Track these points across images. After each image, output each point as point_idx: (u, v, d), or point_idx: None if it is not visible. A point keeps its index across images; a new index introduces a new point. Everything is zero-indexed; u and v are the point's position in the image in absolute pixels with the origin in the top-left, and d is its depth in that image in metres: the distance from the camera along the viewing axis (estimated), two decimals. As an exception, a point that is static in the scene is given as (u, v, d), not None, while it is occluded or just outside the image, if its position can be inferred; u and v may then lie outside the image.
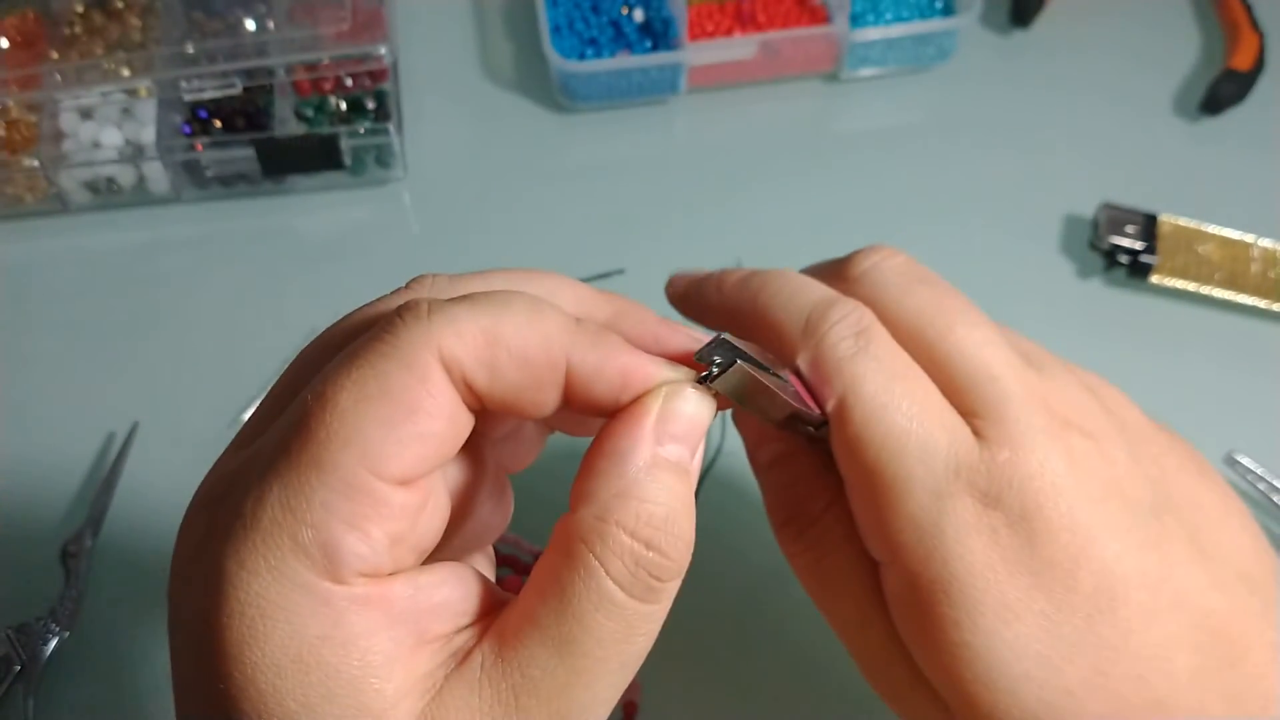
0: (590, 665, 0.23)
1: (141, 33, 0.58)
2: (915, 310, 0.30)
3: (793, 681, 0.44)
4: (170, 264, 0.57)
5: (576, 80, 0.60)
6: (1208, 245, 0.56)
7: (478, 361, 0.23)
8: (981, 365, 0.29)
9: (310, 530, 0.21)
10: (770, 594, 0.46)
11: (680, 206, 0.59)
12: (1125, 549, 0.27)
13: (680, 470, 0.24)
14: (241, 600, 0.21)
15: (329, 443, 0.22)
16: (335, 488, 0.21)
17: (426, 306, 0.23)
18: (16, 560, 0.47)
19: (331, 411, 0.22)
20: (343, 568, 0.22)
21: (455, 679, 0.23)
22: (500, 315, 0.24)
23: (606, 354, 0.25)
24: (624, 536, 0.23)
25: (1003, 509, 0.27)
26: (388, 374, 0.22)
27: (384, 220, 0.59)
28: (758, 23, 0.62)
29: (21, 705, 0.43)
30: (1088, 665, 0.27)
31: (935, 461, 0.27)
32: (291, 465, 0.22)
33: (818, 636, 0.45)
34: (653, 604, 0.24)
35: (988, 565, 0.27)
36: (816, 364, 0.29)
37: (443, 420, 0.23)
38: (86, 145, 0.56)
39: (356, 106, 0.58)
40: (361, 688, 0.22)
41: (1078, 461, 0.28)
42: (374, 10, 0.58)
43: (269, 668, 0.21)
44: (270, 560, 0.21)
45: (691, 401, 0.25)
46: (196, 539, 0.23)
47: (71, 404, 0.52)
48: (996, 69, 0.64)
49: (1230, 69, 0.62)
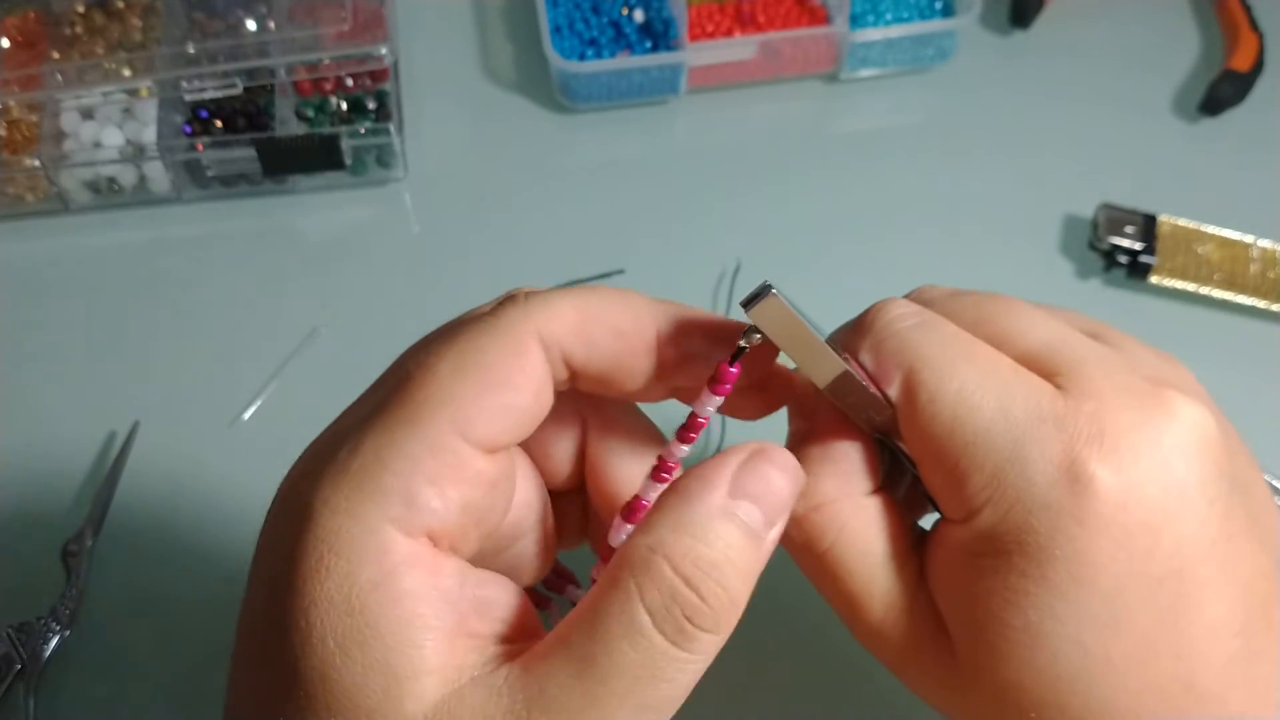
0: (606, 695, 0.22)
1: (142, 33, 0.58)
2: (973, 304, 0.29)
3: (793, 681, 0.44)
4: (171, 264, 0.57)
5: (577, 81, 0.60)
6: (1207, 246, 0.56)
7: (574, 336, 0.25)
8: (1051, 335, 0.28)
9: (395, 478, 0.23)
10: (772, 594, 0.46)
11: (680, 206, 0.59)
12: (1209, 517, 0.26)
13: (748, 530, 0.24)
14: (317, 535, 0.23)
15: (425, 403, 0.24)
16: (425, 443, 0.23)
17: (524, 295, 0.26)
18: (17, 559, 0.47)
19: (430, 375, 0.24)
20: (415, 519, 0.23)
21: (480, 680, 0.23)
22: (589, 296, 0.26)
23: (690, 314, 0.27)
24: (666, 568, 0.23)
25: (1099, 453, 0.25)
26: (485, 348, 0.25)
27: (384, 220, 0.59)
28: (758, 23, 0.62)
29: (22, 704, 0.43)
30: (1139, 634, 0.26)
31: (1015, 411, 0.26)
32: (387, 421, 0.24)
33: (818, 636, 0.45)
34: (683, 650, 0.23)
35: (1076, 516, 0.25)
36: (878, 347, 0.28)
37: (530, 394, 0.25)
38: (87, 145, 0.56)
39: (357, 107, 0.58)
40: (394, 644, 0.22)
41: (1175, 415, 0.26)
42: (375, 10, 0.58)
43: (324, 601, 0.22)
44: (351, 501, 0.23)
45: (778, 464, 0.25)
46: (294, 481, 0.25)
47: (72, 403, 0.52)
48: (996, 70, 0.65)
49: (1229, 70, 0.62)
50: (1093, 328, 0.30)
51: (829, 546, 0.29)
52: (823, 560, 0.29)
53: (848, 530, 0.29)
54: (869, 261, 0.57)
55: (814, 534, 0.29)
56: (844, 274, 0.56)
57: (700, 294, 0.55)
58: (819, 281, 0.56)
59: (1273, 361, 0.54)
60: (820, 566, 0.29)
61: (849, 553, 0.29)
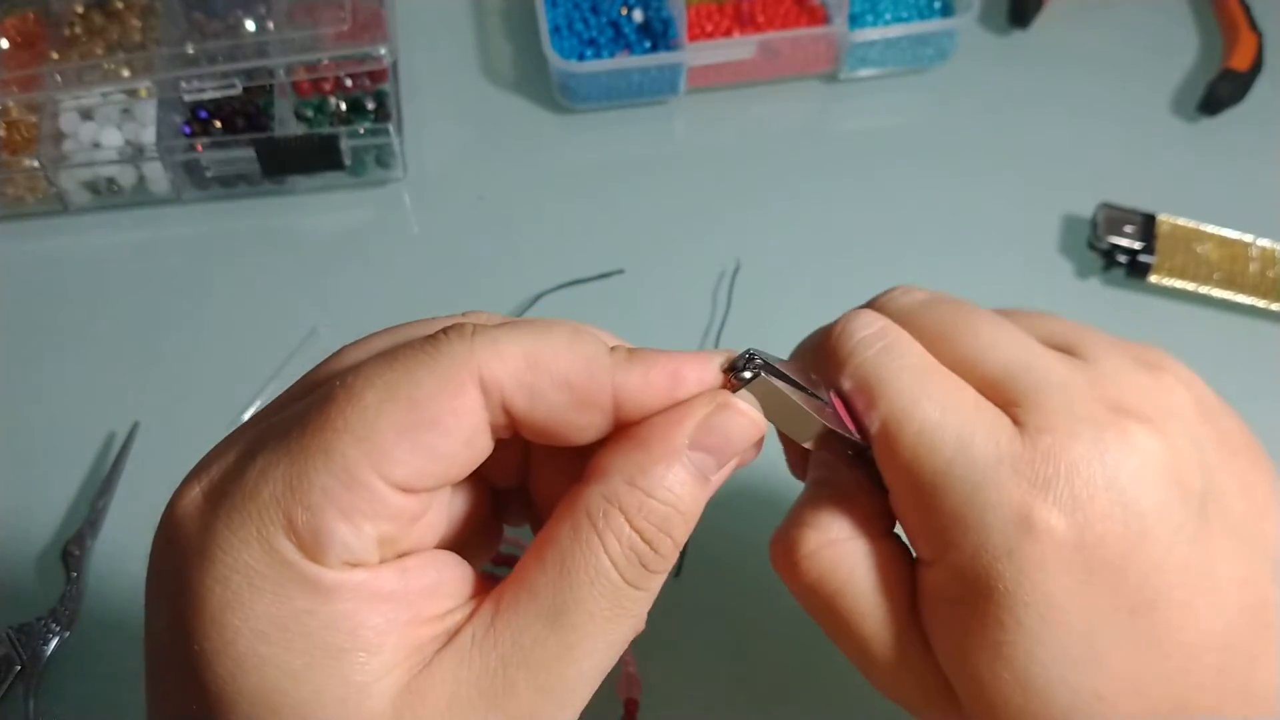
0: (579, 640, 0.23)
1: (141, 33, 0.58)
2: (937, 319, 0.29)
3: (792, 682, 0.44)
4: (170, 264, 0.57)
5: (576, 81, 0.60)
6: (1206, 245, 0.56)
7: (518, 384, 0.23)
8: (1013, 357, 0.28)
9: (305, 513, 0.22)
10: (770, 596, 0.46)
11: (680, 206, 0.59)
12: (1175, 543, 0.26)
13: (699, 478, 0.25)
14: (230, 566, 0.22)
15: (344, 433, 0.22)
16: (338, 476, 0.22)
17: (471, 328, 0.24)
18: (17, 560, 0.47)
19: (354, 404, 0.22)
20: (328, 554, 0.22)
21: (446, 652, 0.23)
22: (541, 339, 0.24)
23: (650, 363, 0.25)
24: (624, 523, 0.24)
25: (1050, 498, 0.26)
26: (420, 382, 0.23)
27: (384, 220, 0.59)
28: (757, 23, 0.62)
29: (22, 705, 0.43)
30: (1123, 666, 0.26)
31: (973, 451, 0.26)
32: (303, 447, 0.22)
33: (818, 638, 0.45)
34: (641, 590, 0.24)
35: (1036, 561, 0.26)
36: (854, 375, 0.28)
37: (460, 441, 0.23)
38: (87, 146, 0.56)
39: (356, 107, 0.58)
40: (347, 660, 0.22)
41: (1131, 447, 0.26)
42: (374, 11, 0.58)
43: (251, 633, 0.21)
44: (262, 532, 0.22)
45: (740, 424, 0.25)
46: (191, 500, 0.23)
47: (72, 404, 0.52)
48: (995, 69, 0.65)
49: (1228, 69, 0.62)
50: (1068, 335, 0.30)
51: (839, 586, 0.29)
52: (833, 602, 0.29)
53: (859, 571, 0.29)
54: (868, 261, 0.57)
55: (825, 570, 0.29)
56: (843, 274, 0.56)
57: (700, 294, 0.55)
58: (818, 281, 0.56)
59: (1272, 361, 0.54)
60: (830, 608, 0.29)
61: (860, 594, 0.29)
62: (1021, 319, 0.30)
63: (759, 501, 0.48)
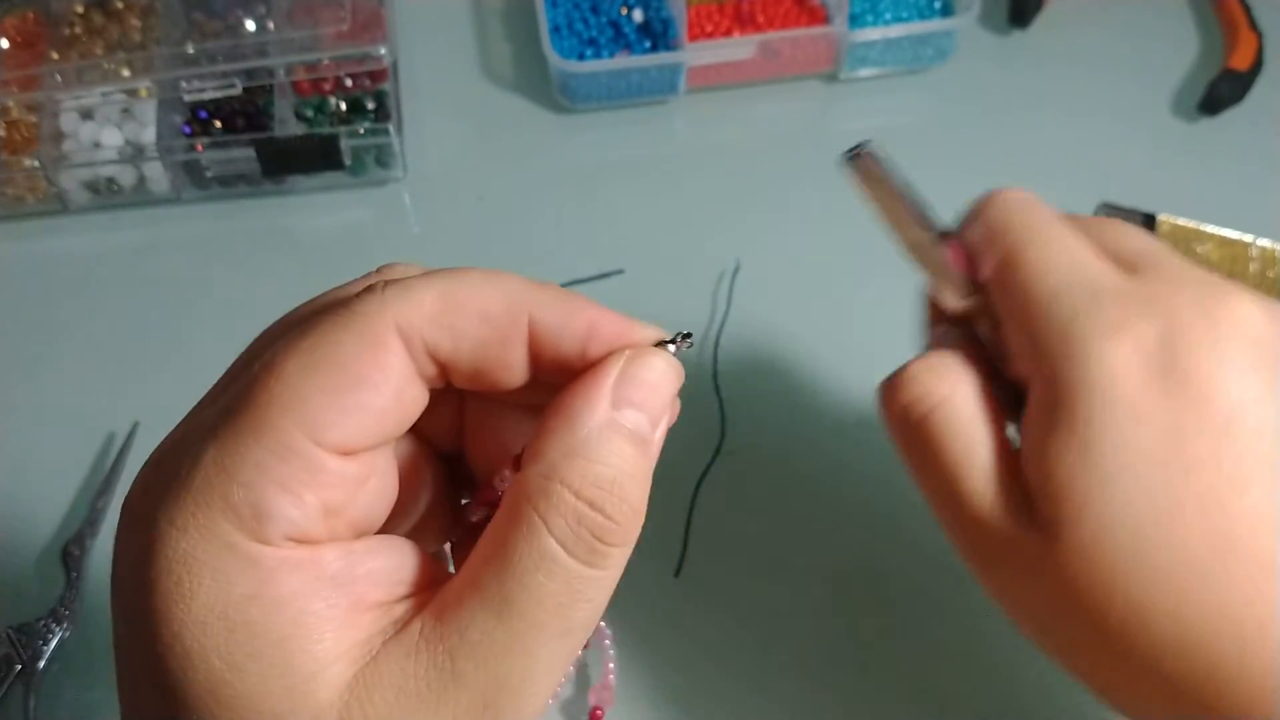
0: (529, 629, 0.22)
1: (141, 33, 0.58)
2: (1077, 218, 0.33)
3: (784, 688, 0.44)
4: (170, 264, 0.57)
5: (576, 81, 0.60)
6: (1206, 245, 0.56)
7: (437, 325, 0.23)
8: (1145, 244, 0.31)
9: (241, 489, 0.21)
10: (762, 600, 0.46)
11: (680, 206, 0.59)
12: (1262, 393, 0.28)
13: (637, 438, 0.24)
14: (169, 557, 0.21)
15: (269, 405, 0.22)
16: (271, 449, 0.22)
17: (384, 284, 0.24)
18: (17, 560, 0.47)
19: (276, 377, 0.22)
20: (271, 529, 0.22)
21: (392, 645, 0.22)
22: (456, 279, 0.24)
23: (572, 308, 0.25)
24: (568, 495, 0.23)
25: (1150, 324, 0.28)
26: (339, 343, 0.23)
27: (384, 220, 0.59)
28: (757, 23, 0.62)
29: (22, 704, 0.43)
30: (1201, 484, 0.27)
31: (1083, 280, 0.29)
32: (231, 428, 0.22)
33: (810, 642, 0.45)
34: (598, 569, 0.23)
35: (1126, 370, 0.28)
36: (986, 220, 0.32)
37: (389, 393, 0.23)
38: (87, 145, 0.56)
39: (356, 107, 0.58)
40: (290, 648, 0.21)
41: (1236, 311, 0.29)
42: (373, 11, 0.58)
43: (194, 625, 0.21)
44: (200, 518, 0.21)
45: (656, 368, 0.24)
46: (134, 499, 0.23)
47: (72, 404, 0.52)
48: (995, 69, 0.65)
49: (1229, 69, 0.62)
50: None
51: (930, 410, 0.31)
52: (922, 426, 0.31)
53: (953, 397, 0.31)
54: (868, 261, 0.57)
55: (919, 393, 0.31)
56: (843, 274, 0.56)
57: (700, 294, 0.55)
58: (818, 281, 0.56)
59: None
60: (920, 435, 0.31)
61: (952, 416, 0.31)
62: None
63: (754, 512, 0.48)
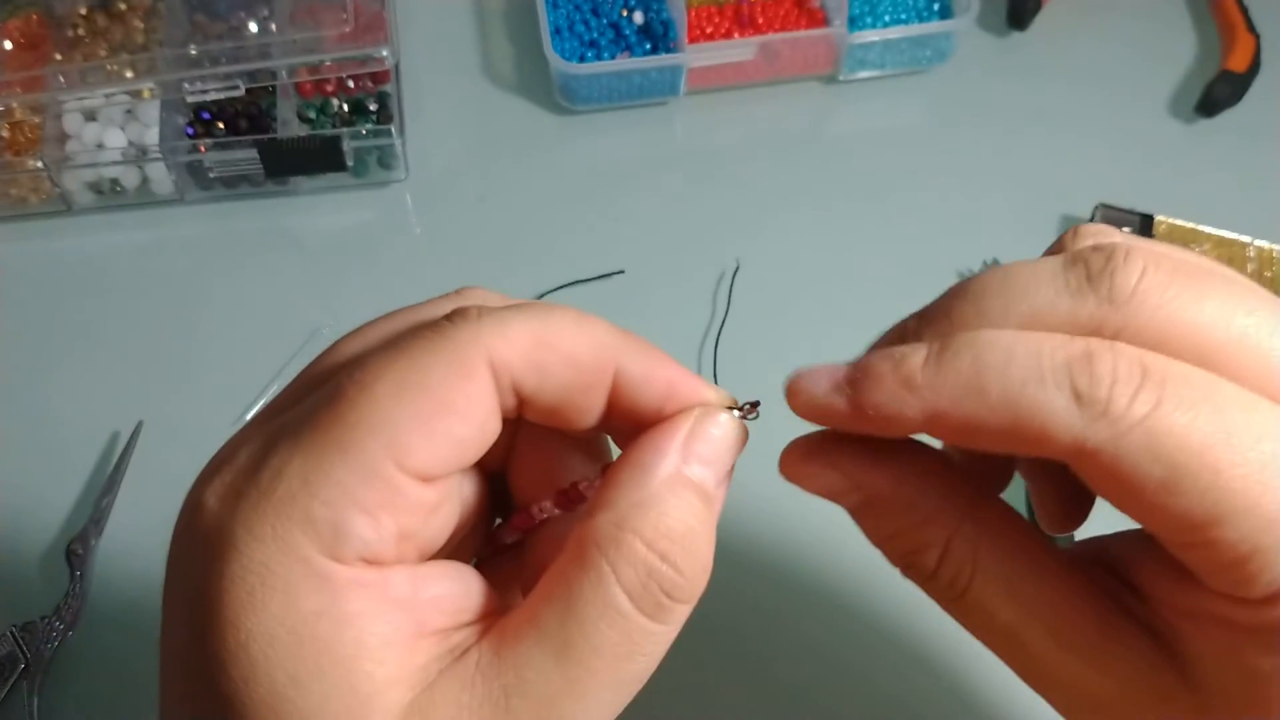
0: (585, 676, 0.22)
1: (145, 35, 0.58)
2: (1208, 324, 0.23)
3: (790, 697, 0.45)
4: (174, 264, 0.57)
5: (577, 82, 0.60)
6: (1204, 246, 0.56)
7: (527, 363, 0.23)
8: None
9: (323, 507, 0.21)
10: (762, 612, 0.46)
11: (680, 207, 0.59)
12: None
13: (702, 492, 0.24)
14: (245, 566, 0.21)
15: (358, 426, 0.22)
16: (356, 471, 0.22)
17: (477, 311, 0.24)
18: (21, 559, 0.48)
19: (367, 397, 0.22)
20: (346, 549, 0.22)
21: (449, 673, 0.22)
22: (549, 320, 0.24)
23: (654, 362, 0.25)
24: (639, 545, 0.23)
25: None
26: (430, 369, 0.23)
27: (386, 221, 0.59)
28: (757, 25, 0.62)
29: (26, 703, 0.43)
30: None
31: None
32: (317, 442, 0.22)
33: (810, 649, 0.46)
34: (660, 624, 0.23)
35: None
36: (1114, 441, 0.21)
37: (475, 424, 0.23)
38: (90, 147, 0.56)
39: (358, 108, 0.59)
40: (352, 668, 0.21)
41: None
42: (375, 12, 0.58)
43: (262, 636, 0.21)
44: (279, 530, 0.21)
45: (723, 426, 0.25)
46: (207, 500, 0.23)
47: (76, 404, 0.52)
48: (993, 71, 0.65)
49: (1226, 70, 0.62)
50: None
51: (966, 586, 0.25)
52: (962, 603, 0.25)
53: (982, 566, 0.25)
54: (867, 261, 0.57)
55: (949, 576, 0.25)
56: (842, 274, 0.56)
57: (700, 294, 0.56)
58: (818, 281, 0.56)
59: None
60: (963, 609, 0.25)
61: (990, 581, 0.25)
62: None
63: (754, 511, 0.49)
